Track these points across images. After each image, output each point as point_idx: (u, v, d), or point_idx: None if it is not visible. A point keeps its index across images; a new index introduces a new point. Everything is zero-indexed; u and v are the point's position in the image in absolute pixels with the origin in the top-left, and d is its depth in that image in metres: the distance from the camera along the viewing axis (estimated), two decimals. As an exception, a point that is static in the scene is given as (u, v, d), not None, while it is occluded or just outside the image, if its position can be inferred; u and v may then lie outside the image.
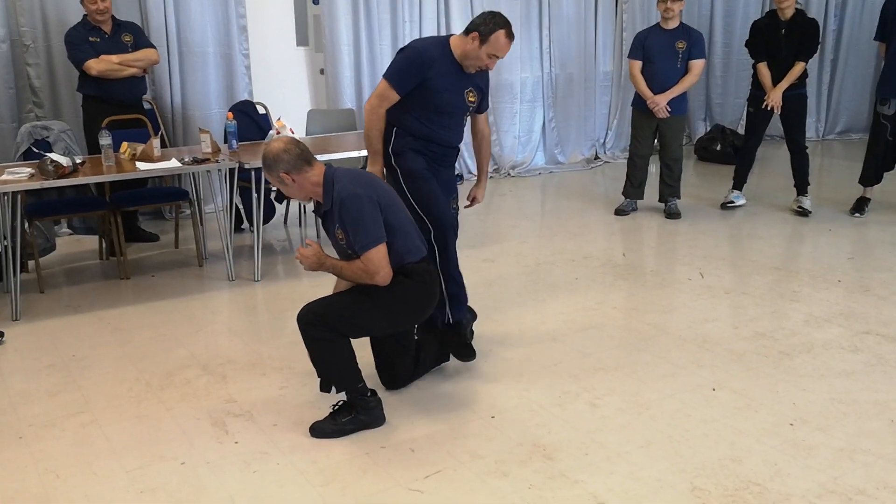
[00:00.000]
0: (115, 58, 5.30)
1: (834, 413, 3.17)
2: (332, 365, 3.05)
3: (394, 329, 3.25)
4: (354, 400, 3.08)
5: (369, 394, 3.12)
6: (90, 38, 5.29)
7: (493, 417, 3.19)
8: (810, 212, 6.09)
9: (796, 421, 3.11)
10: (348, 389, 3.08)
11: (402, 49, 3.53)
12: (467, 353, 3.62)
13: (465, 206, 3.97)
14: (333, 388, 3.07)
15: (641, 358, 3.72)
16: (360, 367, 3.09)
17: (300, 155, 3.01)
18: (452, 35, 3.55)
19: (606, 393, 3.37)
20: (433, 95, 3.46)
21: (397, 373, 3.41)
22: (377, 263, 2.97)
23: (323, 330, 2.98)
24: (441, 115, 3.54)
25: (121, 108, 5.42)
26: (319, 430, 3.07)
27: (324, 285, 3.16)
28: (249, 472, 2.84)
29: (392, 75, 3.45)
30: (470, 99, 3.58)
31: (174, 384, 3.55)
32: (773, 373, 3.54)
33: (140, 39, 5.52)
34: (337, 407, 3.11)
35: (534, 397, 3.35)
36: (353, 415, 3.08)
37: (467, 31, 3.46)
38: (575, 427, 3.10)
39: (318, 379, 3.08)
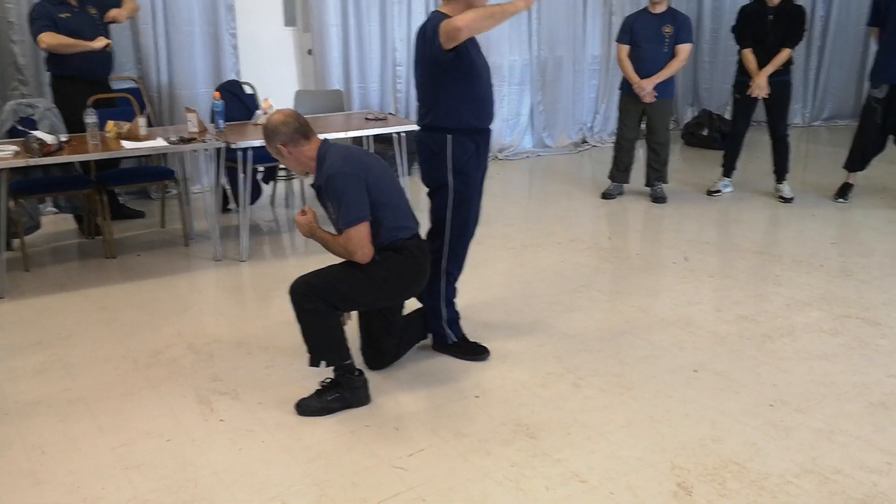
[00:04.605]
0: (97, 43, 5.21)
1: (813, 395, 3.22)
2: (321, 338, 3.06)
3: (383, 303, 3.28)
4: (341, 378, 3.11)
5: (357, 373, 3.14)
6: (61, 14, 5.16)
7: (477, 397, 3.22)
8: (792, 198, 6.13)
9: (776, 402, 3.16)
10: (337, 364, 3.09)
11: (431, 37, 3.17)
12: (482, 352, 3.59)
13: None
14: (322, 364, 3.09)
15: (625, 340, 3.76)
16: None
17: (298, 129, 3.07)
18: (438, 11, 3.24)
19: (590, 374, 3.41)
20: (473, 67, 3.26)
21: (383, 352, 3.43)
22: (356, 242, 3.01)
23: (315, 301, 3.00)
24: (484, 86, 3.32)
25: (88, 85, 5.34)
26: (305, 406, 3.09)
27: (310, 266, 3.17)
28: (235, 450, 2.86)
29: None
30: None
31: (160, 362, 3.56)
32: (755, 355, 3.58)
33: (106, 3, 5.40)
34: (323, 385, 3.13)
35: (518, 377, 3.38)
36: (339, 393, 3.10)
37: None
38: (558, 407, 3.13)
39: (308, 355, 3.09)
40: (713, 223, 5.70)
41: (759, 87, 5.84)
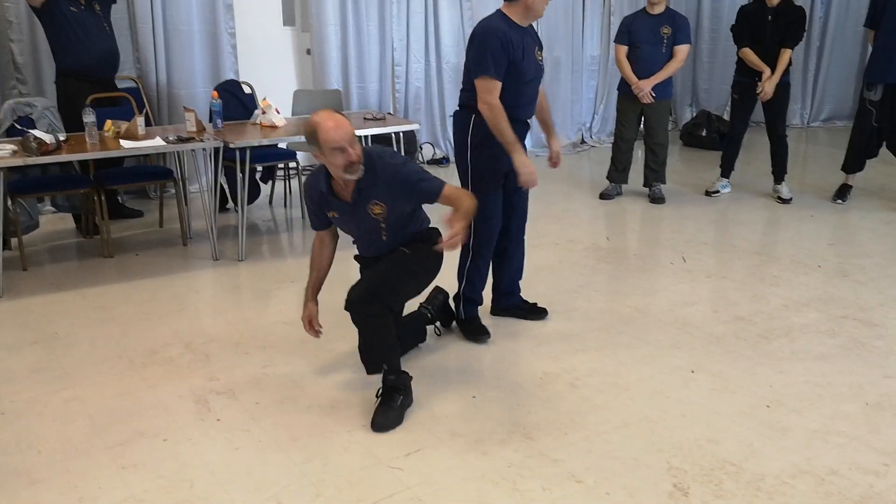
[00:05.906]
0: None
1: (809, 395, 3.22)
2: (384, 342, 3.07)
3: (415, 293, 3.37)
4: (397, 381, 3.08)
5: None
6: (71, 8, 5.20)
7: (473, 397, 3.22)
8: (790, 199, 6.14)
9: (772, 403, 3.16)
10: (396, 367, 3.08)
11: (475, 39, 3.41)
12: (481, 334, 3.66)
13: (551, 167, 3.95)
14: (383, 368, 3.07)
15: (622, 340, 3.76)
16: (344, 352, 3.11)
17: None
18: (501, 12, 3.49)
19: (586, 374, 3.41)
20: (517, 67, 3.40)
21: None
22: (456, 191, 3.08)
23: (378, 305, 3.02)
24: (526, 85, 3.47)
25: (93, 84, 5.34)
26: (382, 424, 2.98)
27: (305, 265, 3.18)
28: (231, 449, 2.86)
29: (488, 67, 3.33)
30: (539, 58, 3.55)
31: (157, 362, 3.56)
32: (751, 356, 3.58)
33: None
34: (382, 393, 3.08)
35: (515, 378, 3.38)
36: (402, 395, 3.07)
37: None
38: (554, 407, 3.13)
39: (365, 365, 3.13)
40: (711, 224, 5.70)
41: (767, 94, 5.83)
